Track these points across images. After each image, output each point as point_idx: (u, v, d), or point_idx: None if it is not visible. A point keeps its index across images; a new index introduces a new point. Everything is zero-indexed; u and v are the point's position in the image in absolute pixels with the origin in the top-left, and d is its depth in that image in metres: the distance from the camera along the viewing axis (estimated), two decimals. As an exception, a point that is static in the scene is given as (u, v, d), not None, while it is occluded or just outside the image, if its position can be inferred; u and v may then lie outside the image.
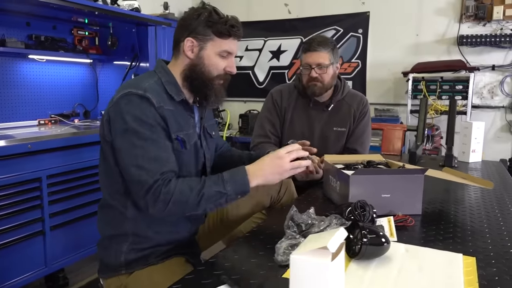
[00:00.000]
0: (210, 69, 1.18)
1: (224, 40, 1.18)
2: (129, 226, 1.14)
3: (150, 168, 1.05)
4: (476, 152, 2.26)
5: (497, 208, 1.37)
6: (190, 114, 1.23)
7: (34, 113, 2.74)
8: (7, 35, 2.48)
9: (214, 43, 1.18)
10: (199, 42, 1.17)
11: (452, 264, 0.93)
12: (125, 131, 1.07)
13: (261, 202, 1.45)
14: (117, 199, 1.15)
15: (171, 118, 1.13)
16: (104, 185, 1.19)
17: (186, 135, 1.17)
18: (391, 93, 3.92)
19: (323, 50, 1.79)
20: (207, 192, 1.06)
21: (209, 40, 1.18)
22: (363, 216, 1.07)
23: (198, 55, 1.18)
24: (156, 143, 1.08)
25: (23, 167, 2.05)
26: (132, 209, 1.14)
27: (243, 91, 4.53)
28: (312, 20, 4.16)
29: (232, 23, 1.18)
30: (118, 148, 1.09)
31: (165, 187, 1.04)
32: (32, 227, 2.11)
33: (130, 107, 1.07)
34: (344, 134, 1.89)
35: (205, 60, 1.18)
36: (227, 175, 1.11)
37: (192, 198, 1.05)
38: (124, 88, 1.11)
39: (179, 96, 1.18)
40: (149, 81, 1.14)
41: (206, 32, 1.17)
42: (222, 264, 0.94)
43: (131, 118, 1.06)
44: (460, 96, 3.35)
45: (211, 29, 1.17)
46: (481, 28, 3.49)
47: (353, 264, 0.92)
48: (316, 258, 0.64)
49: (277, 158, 1.13)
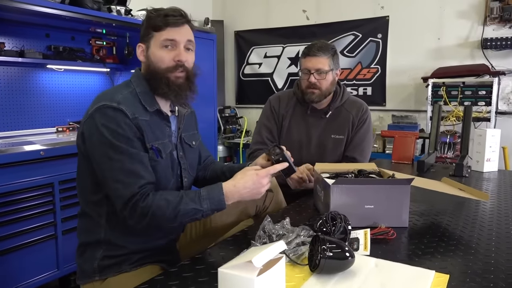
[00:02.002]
0: (158, 64, 1.18)
1: (162, 31, 1.17)
2: (102, 234, 1.16)
3: (127, 181, 1.07)
4: (492, 161, 2.14)
5: (494, 223, 1.29)
6: (166, 123, 1.23)
7: (52, 121, 2.86)
8: (27, 46, 2.61)
9: (155, 38, 1.18)
10: (145, 43, 1.20)
11: (419, 281, 0.88)
12: (102, 144, 1.09)
13: (246, 210, 1.43)
14: (91, 208, 1.18)
15: (146, 128, 1.14)
16: (80, 194, 1.22)
17: (161, 144, 1.18)
18: (411, 99, 3.80)
19: (323, 56, 1.76)
20: (183, 208, 1.08)
21: (151, 38, 1.19)
22: (334, 228, 1.04)
23: (147, 55, 1.20)
24: (132, 156, 1.09)
25: (37, 172, 2.13)
26: (105, 218, 1.16)
27: (262, 98, 4.51)
28: (331, 26, 4.11)
29: (166, 13, 1.17)
30: (96, 161, 1.11)
31: (142, 202, 1.06)
32: (45, 231, 2.19)
33: (105, 120, 1.09)
34: (342, 142, 1.85)
35: (152, 57, 1.19)
36: (205, 192, 1.12)
37: (168, 212, 1.07)
38: (98, 101, 1.12)
39: (153, 106, 1.19)
40: (122, 92, 1.16)
41: (147, 32, 1.19)
42: (180, 274, 0.94)
43: (106, 131, 1.08)
44: (483, 102, 3.19)
45: (150, 27, 1.18)
46: (506, 30, 3.31)
47: (313, 278, 0.89)
48: (242, 272, 0.63)
49: (255, 176, 1.13)
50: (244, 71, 4.69)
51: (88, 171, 1.15)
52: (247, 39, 4.59)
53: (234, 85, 4.77)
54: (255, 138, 1.95)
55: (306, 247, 0.98)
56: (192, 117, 1.40)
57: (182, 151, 1.28)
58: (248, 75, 4.68)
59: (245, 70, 4.68)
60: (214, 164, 1.48)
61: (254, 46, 4.56)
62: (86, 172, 1.16)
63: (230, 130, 4.37)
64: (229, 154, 4.44)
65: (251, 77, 4.65)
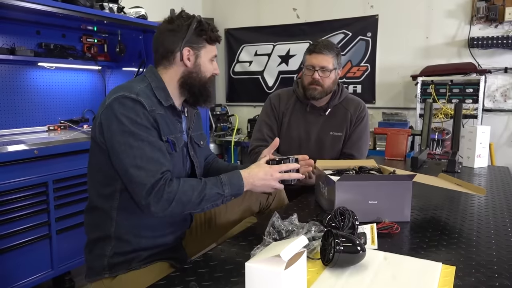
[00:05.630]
0: (206, 74, 1.26)
1: (213, 46, 1.28)
2: (113, 228, 1.17)
3: (149, 168, 1.08)
4: (482, 157, 2.21)
5: (491, 217, 1.34)
6: (178, 119, 1.26)
7: (43, 119, 2.82)
8: (17, 44, 2.57)
9: (206, 50, 1.26)
10: (195, 50, 1.23)
11: (428, 273, 0.91)
12: (122, 132, 1.09)
13: (250, 207, 1.45)
14: (102, 202, 1.18)
15: (161, 122, 1.16)
16: (91, 187, 1.22)
17: (175, 138, 1.21)
18: (401, 97, 3.87)
19: (329, 54, 1.79)
20: (208, 193, 1.12)
21: (202, 48, 1.25)
22: (343, 223, 1.06)
23: (195, 63, 1.24)
24: (153, 143, 1.11)
25: (30, 171, 2.10)
26: (116, 212, 1.17)
27: (252, 95, 4.56)
28: (321, 24, 4.15)
29: (217, 30, 1.27)
30: (115, 150, 1.10)
31: (168, 187, 1.07)
32: (39, 231, 2.17)
33: (124, 109, 1.10)
34: (340, 139, 1.88)
35: (202, 67, 1.25)
36: (225, 178, 1.16)
37: (194, 198, 1.10)
38: (116, 92, 1.13)
39: (168, 101, 1.21)
40: (140, 85, 1.17)
41: (199, 41, 1.24)
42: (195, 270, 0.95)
43: (126, 120, 1.09)
44: (470, 100, 3.28)
45: (202, 37, 1.24)
46: (492, 29, 3.41)
47: (326, 272, 0.91)
48: (270, 266, 0.64)
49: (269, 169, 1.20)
50: (234, 69, 4.69)
51: (101, 163, 1.15)
52: (238, 37, 4.59)
53: (224, 83, 4.77)
54: (256, 135, 1.97)
55: (318, 242, 1.00)
56: (198, 118, 1.43)
57: (193, 150, 1.31)
58: (238, 73, 4.68)
59: (236, 68, 4.68)
60: (218, 162, 1.51)
61: (245, 44, 4.57)
62: (99, 164, 1.17)
63: (221, 128, 4.38)
64: (221, 152, 4.44)
65: (242, 75, 4.66)
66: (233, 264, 0.97)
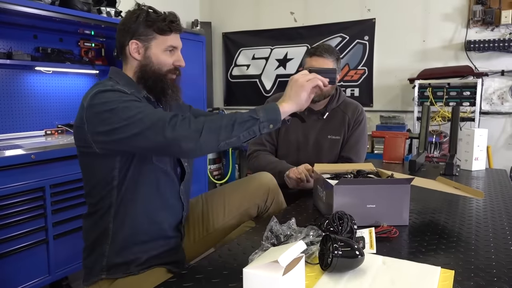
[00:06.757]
0: (159, 66, 1.23)
1: (167, 36, 1.23)
2: (111, 224, 1.16)
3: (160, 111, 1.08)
4: (479, 160, 2.21)
5: (489, 220, 1.34)
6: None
7: (41, 123, 2.82)
8: (14, 48, 2.56)
9: (158, 41, 1.22)
10: (143, 42, 1.21)
11: (427, 277, 0.91)
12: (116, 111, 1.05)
13: (248, 212, 1.44)
14: (101, 200, 1.17)
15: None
16: (87, 194, 1.22)
17: None
18: (398, 100, 3.88)
19: (329, 58, 1.79)
20: (240, 117, 1.07)
21: (152, 39, 1.22)
22: (341, 227, 1.06)
23: (145, 55, 1.22)
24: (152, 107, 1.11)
25: (27, 176, 2.10)
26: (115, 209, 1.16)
27: (250, 99, 4.56)
28: (318, 28, 4.16)
29: (171, 19, 1.22)
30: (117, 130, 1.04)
31: (193, 118, 1.05)
32: (36, 236, 2.16)
33: (105, 99, 1.08)
34: (338, 143, 1.88)
35: (153, 59, 1.22)
36: (258, 107, 1.12)
37: (224, 123, 1.05)
38: (90, 93, 1.12)
39: (140, 93, 1.21)
40: (109, 83, 1.18)
41: (148, 32, 1.21)
42: (193, 276, 0.95)
43: (113, 103, 1.06)
44: (468, 103, 3.29)
45: (152, 28, 1.21)
46: (489, 33, 3.42)
47: (325, 277, 0.91)
48: (268, 272, 0.64)
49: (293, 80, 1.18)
50: (232, 73, 4.70)
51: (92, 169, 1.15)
52: (235, 40, 4.60)
53: (222, 87, 4.77)
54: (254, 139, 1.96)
55: (316, 247, 1.00)
56: (178, 106, 1.40)
57: None
58: (236, 76, 4.69)
59: (233, 71, 4.69)
60: None
61: (242, 47, 4.57)
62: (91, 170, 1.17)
63: (219, 132, 4.37)
64: (218, 156, 4.44)
65: (239, 79, 4.67)
66: (231, 270, 0.97)
